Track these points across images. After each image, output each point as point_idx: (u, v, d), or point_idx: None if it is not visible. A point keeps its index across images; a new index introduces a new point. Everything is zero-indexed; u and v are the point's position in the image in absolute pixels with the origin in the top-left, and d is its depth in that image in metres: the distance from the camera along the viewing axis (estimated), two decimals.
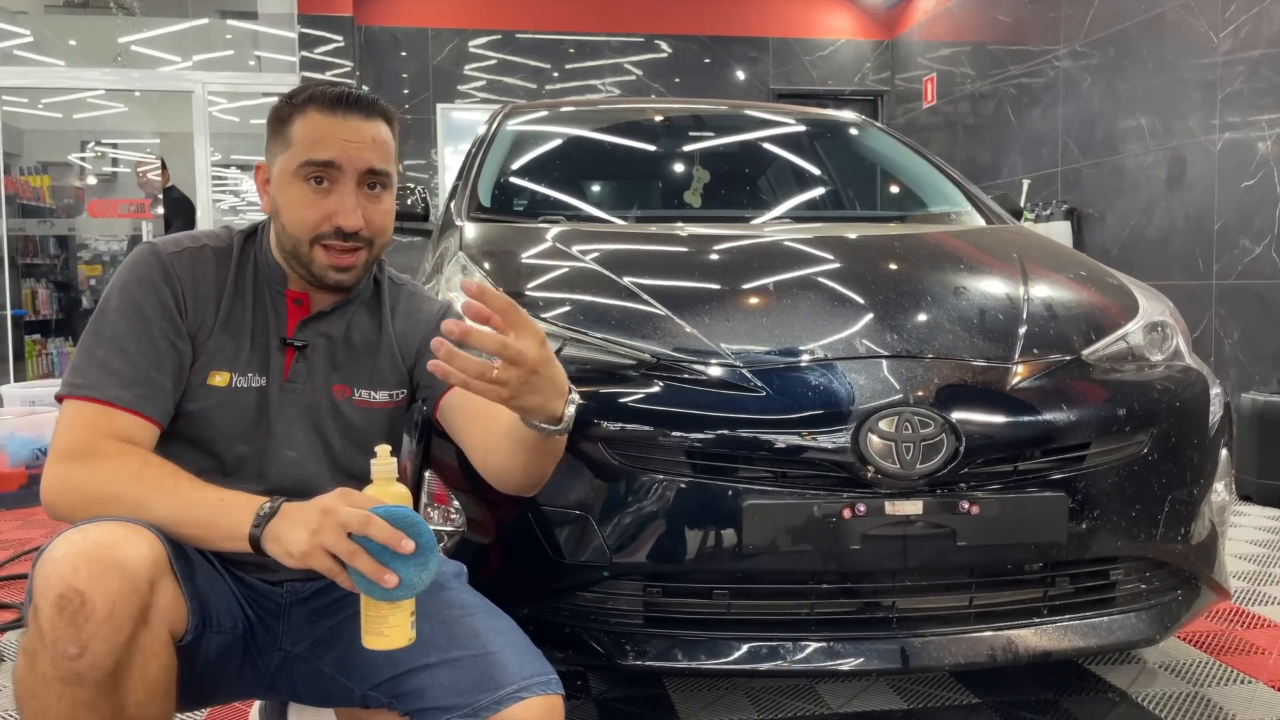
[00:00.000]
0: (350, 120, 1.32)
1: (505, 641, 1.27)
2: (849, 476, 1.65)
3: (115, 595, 1.05)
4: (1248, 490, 3.95)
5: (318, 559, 1.08)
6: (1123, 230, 5.27)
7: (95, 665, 1.05)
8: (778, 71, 8.02)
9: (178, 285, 1.32)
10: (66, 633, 1.04)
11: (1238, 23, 4.43)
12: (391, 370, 1.45)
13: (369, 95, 1.36)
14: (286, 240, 1.35)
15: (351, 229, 1.32)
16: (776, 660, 1.68)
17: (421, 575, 1.09)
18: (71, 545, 1.07)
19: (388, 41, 7.48)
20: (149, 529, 1.14)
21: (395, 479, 1.15)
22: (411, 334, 1.47)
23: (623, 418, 1.69)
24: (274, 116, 1.36)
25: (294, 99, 1.34)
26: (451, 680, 1.23)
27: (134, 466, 1.21)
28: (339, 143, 1.31)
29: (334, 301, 1.41)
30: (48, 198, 7.55)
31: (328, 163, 1.31)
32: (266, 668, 1.34)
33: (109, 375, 1.26)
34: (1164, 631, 1.83)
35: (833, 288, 2.04)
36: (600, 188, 3.27)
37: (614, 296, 1.98)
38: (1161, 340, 2.03)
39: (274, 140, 1.36)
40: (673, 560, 1.67)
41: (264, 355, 1.37)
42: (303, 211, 1.32)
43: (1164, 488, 1.81)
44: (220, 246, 1.39)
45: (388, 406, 1.45)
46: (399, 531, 1.07)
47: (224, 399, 1.34)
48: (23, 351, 6.99)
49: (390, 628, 1.12)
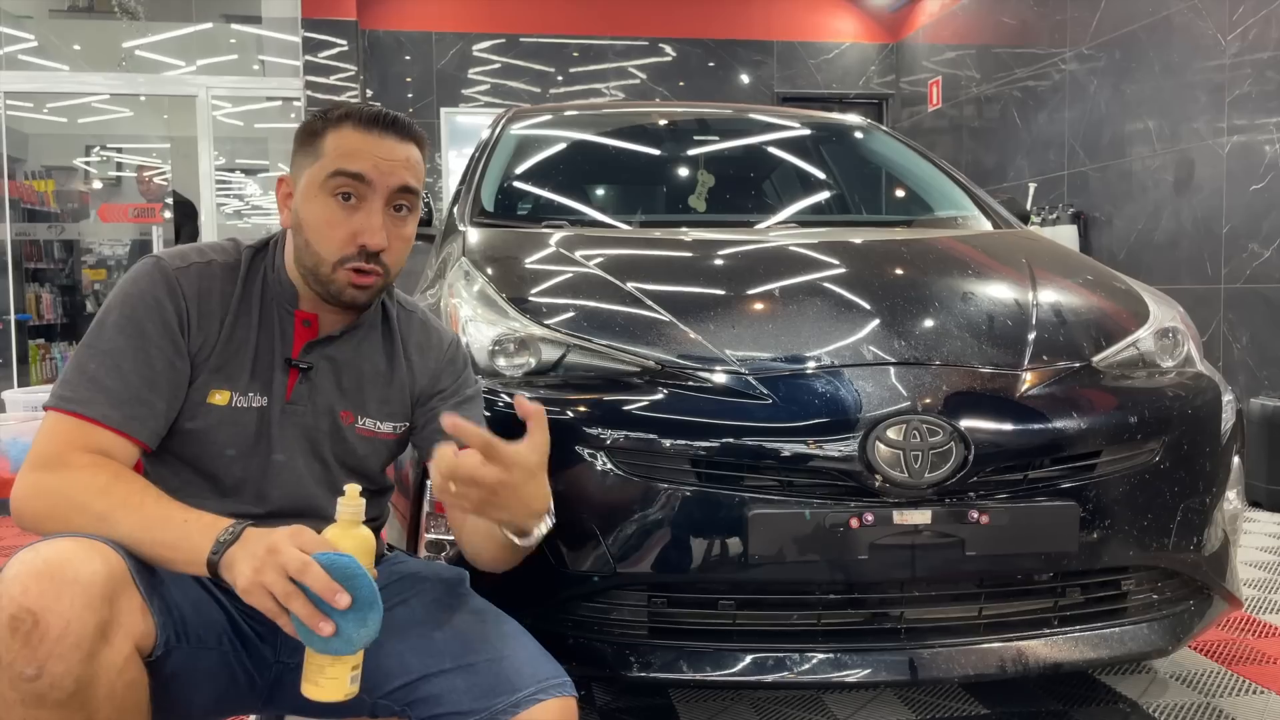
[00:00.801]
0: (386, 140, 1.30)
1: (517, 645, 1.26)
2: (856, 485, 1.63)
3: (69, 613, 1.02)
4: (1257, 496, 3.92)
5: (257, 597, 1.05)
6: (1130, 234, 5.24)
7: (54, 685, 1.02)
8: (782, 75, 8.01)
9: (182, 303, 1.30)
10: (21, 654, 1.01)
11: (1245, 25, 4.40)
12: (400, 403, 1.44)
13: (405, 118, 1.34)
14: (308, 257, 1.32)
15: (376, 248, 1.29)
16: (783, 671, 1.66)
17: (360, 632, 1.04)
18: (23, 564, 1.05)
19: (392, 45, 7.48)
20: (107, 543, 1.11)
21: (360, 522, 1.11)
22: (423, 369, 1.46)
23: (627, 426, 1.68)
24: (305, 130, 1.33)
25: (329, 114, 1.32)
26: (466, 686, 1.21)
27: (103, 480, 1.18)
28: (373, 158, 1.29)
29: (344, 325, 1.39)
30: (52, 202, 7.56)
31: (358, 175, 1.28)
32: (264, 681, 1.32)
33: (99, 391, 1.23)
34: (1176, 642, 1.80)
35: (839, 293, 2.01)
36: (604, 192, 3.26)
37: (618, 302, 1.96)
38: (1173, 346, 2.00)
39: (303, 153, 1.33)
40: (678, 570, 1.65)
41: (267, 375, 1.34)
42: (328, 229, 1.30)
43: (1176, 496, 1.79)
44: (228, 262, 1.36)
45: (390, 438, 1.44)
46: (335, 584, 1.02)
47: (223, 418, 1.31)
48: (26, 356, 6.99)
49: (327, 679, 1.08)
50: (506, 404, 1.69)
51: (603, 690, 2.12)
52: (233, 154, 8.54)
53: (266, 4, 7.47)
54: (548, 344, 1.83)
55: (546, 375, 1.81)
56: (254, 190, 9.59)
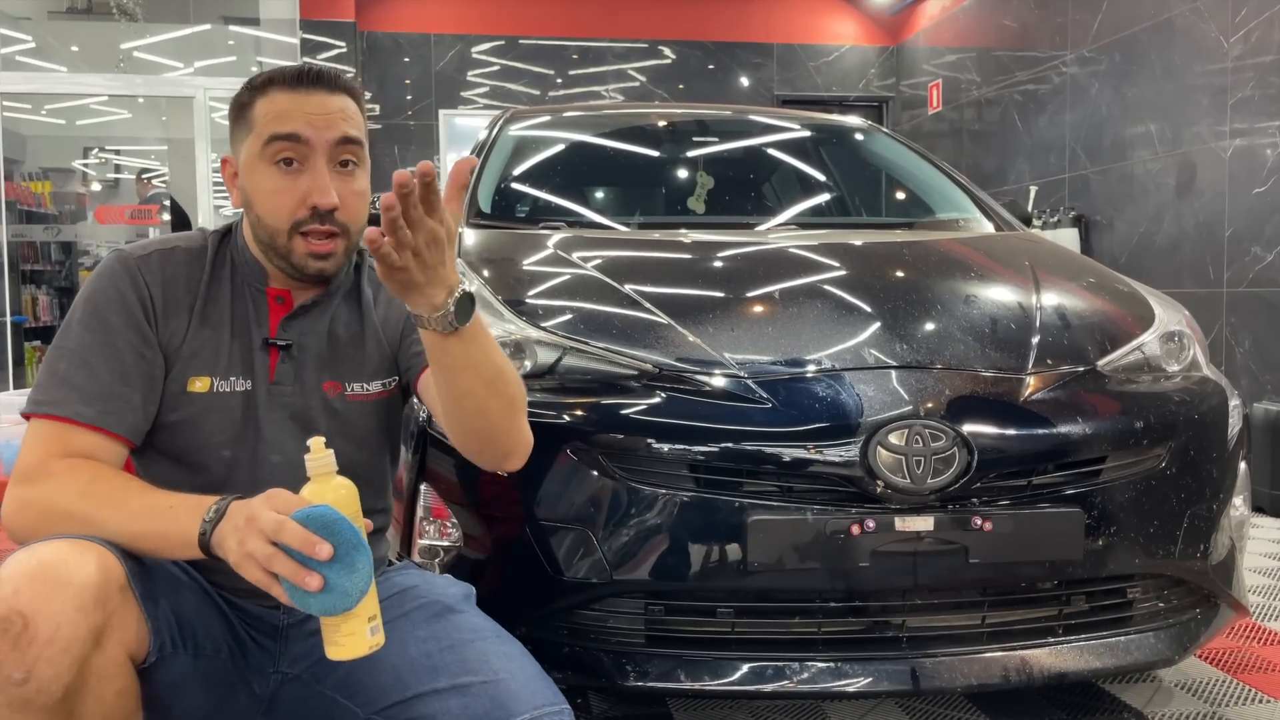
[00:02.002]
0: (314, 94, 1.26)
1: (517, 668, 1.23)
2: (857, 491, 1.60)
3: (60, 616, 1.00)
4: (1260, 502, 3.90)
5: (247, 569, 1.03)
6: (1131, 237, 5.22)
7: (42, 690, 1.00)
8: (782, 77, 7.98)
9: (145, 291, 1.27)
10: (10, 657, 0.99)
11: (1248, 27, 4.38)
12: (380, 359, 1.39)
13: (331, 69, 1.30)
14: (263, 231, 1.28)
15: (327, 206, 1.25)
16: (782, 681, 1.63)
17: (350, 579, 1.01)
18: (17, 566, 1.03)
19: (390, 47, 7.45)
20: (104, 545, 1.09)
21: (334, 472, 1.07)
22: (395, 319, 1.41)
23: (624, 429, 1.65)
24: (235, 105, 1.30)
25: (253, 83, 1.29)
26: (461, 707, 1.19)
27: (82, 482, 1.16)
28: (305, 115, 1.25)
29: (316, 295, 1.35)
30: (49, 204, 7.53)
31: (293, 135, 1.24)
32: (263, 692, 1.29)
33: (70, 390, 1.21)
34: (1183, 651, 1.77)
35: (840, 296, 1.99)
36: (603, 194, 3.23)
37: (616, 305, 1.93)
38: (1179, 350, 1.98)
39: (237, 128, 1.30)
40: (675, 577, 1.62)
41: (247, 357, 1.31)
42: (275, 197, 1.26)
43: (1182, 503, 1.76)
44: (193, 247, 1.34)
45: (382, 396, 1.39)
46: (313, 536, 1.00)
47: (207, 405, 1.28)
48: (23, 358, 6.96)
49: (344, 636, 1.06)
50: None
51: (599, 700, 2.09)
52: None
53: (265, 5, 7.44)
54: (544, 346, 1.81)
55: (543, 378, 1.78)
56: None
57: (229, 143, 1.34)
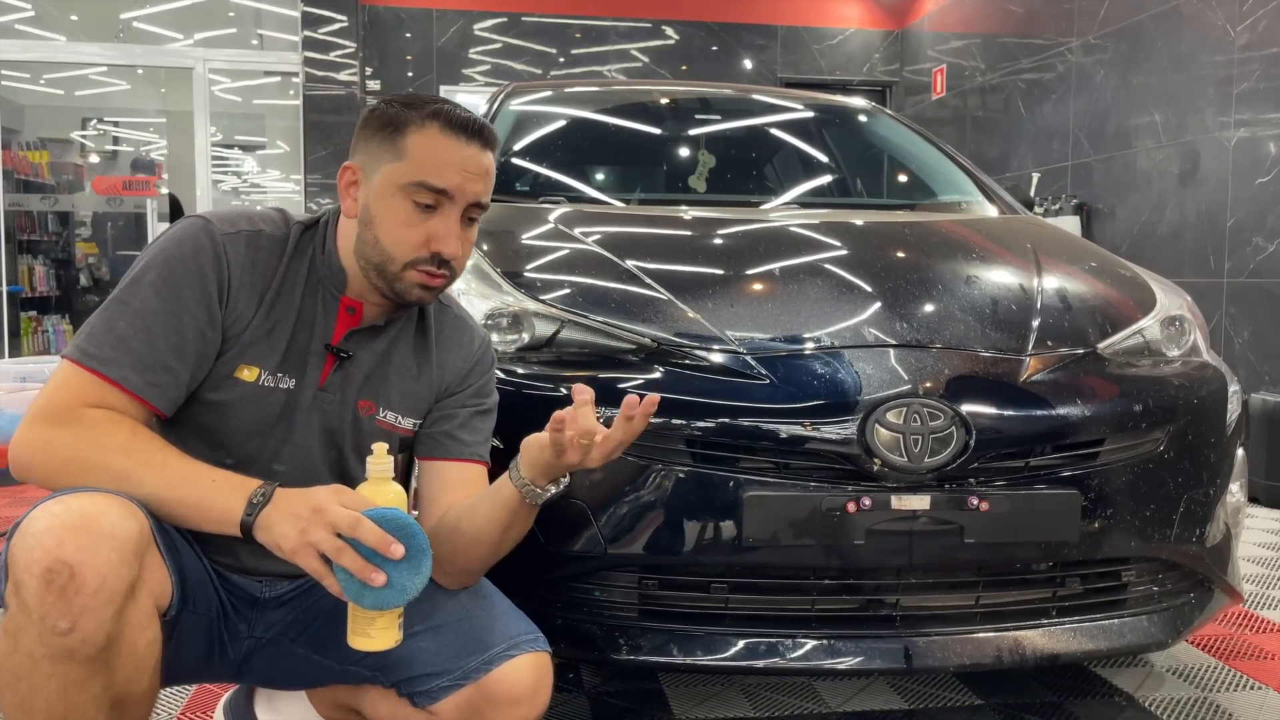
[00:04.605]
0: (471, 147, 1.26)
1: (489, 604, 1.28)
2: (854, 469, 1.60)
3: (105, 568, 1.02)
4: (1255, 492, 3.90)
5: (304, 557, 1.06)
6: (1133, 226, 5.20)
7: (86, 640, 1.02)
8: (785, 60, 7.94)
9: (225, 272, 1.24)
10: (56, 606, 1.00)
11: (1255, 16, 4.35)
12: (424, 399, 1.39)
13: (488, 125, 1.29)
14: (375, 254, 1.27)
15: (450, 256, 1.26)
16: (775, 657, 1.63)
17: (413, 580, 1.07)
18: (54, 517, 1.03)
19: (392, 22, 7.39)
20: (131, 500, 1.10)
21: (391, 478, 1.13)
22: (453, 365, 1.41)
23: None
24: (383, 119, 1.27)
25: (413, 107, 1.26)
26: (438, 646, 1.22)
27: (122, 437, 1.15)
28: (459, 172, 1.25)
29: (388, 315, 1.35)
30: (46, 174, 7.49)
31: (444, 191, 1.25)
32: (236, 655, 1.32)
33: (125, 353, 1.18)
34: (1176, 635, 1.77)
35: (840, 274, 1.98)
36: (603, 170, 3.21)
37: (615, 279, 1.92)
38: (1179, 335, 1.97)
39: (380, 145, 1.27)
40: (670, 552, 1.62)
41: (301, 358, 1.30)
42: (404, 231, 1.25)
43: (1179, 487, 1.75)
44: (277, 235, 1.31)
45: (407, 434, 1.39)
46: (389, 536, 1.05)
47: (248, 394, 1.27)
48: (18, 328, 6.94)
49: (378, 629, 1.10)
50: (502, 379, 1.65)
51: (591, 673, 2.09)
52: (230, 130, 8.46)
53: None
54: (541, 319, 1.80)
55: (540, 351, 1.77)
56: (251, 166, 9.52)
57: (352, 148, 1.30)
